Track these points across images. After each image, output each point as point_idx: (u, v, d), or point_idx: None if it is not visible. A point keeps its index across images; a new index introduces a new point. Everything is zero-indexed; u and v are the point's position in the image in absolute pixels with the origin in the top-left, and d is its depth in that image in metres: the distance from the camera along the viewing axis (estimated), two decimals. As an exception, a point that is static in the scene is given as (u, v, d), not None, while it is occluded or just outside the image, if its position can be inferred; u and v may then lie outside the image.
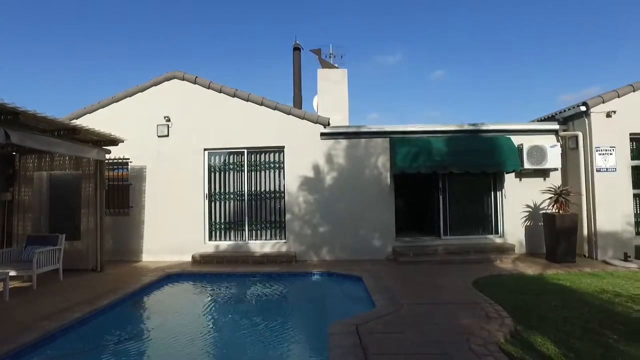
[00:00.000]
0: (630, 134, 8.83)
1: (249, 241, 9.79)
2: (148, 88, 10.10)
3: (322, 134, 9.64)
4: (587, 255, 8.93)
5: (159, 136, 9.90)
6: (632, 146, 8.91)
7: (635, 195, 8.87)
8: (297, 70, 13.38)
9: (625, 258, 8.36)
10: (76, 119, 9.81)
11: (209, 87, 9.98)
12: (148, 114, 9.95)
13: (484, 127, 9.55)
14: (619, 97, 8.77)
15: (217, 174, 10.03)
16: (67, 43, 39.17)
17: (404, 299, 5.77)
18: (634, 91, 8.80)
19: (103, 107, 10.11)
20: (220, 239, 9.90)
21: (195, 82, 10.02)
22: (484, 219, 9.79)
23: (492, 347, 3.99)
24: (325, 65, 12.97)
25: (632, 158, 8.87)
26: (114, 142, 8.67)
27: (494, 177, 9.69)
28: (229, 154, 10.02)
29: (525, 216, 9.61)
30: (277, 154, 9.93)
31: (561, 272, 7.70)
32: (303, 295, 7.54)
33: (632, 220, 8.76)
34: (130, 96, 10.11)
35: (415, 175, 9.39)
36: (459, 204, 9.73)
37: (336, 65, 13.13)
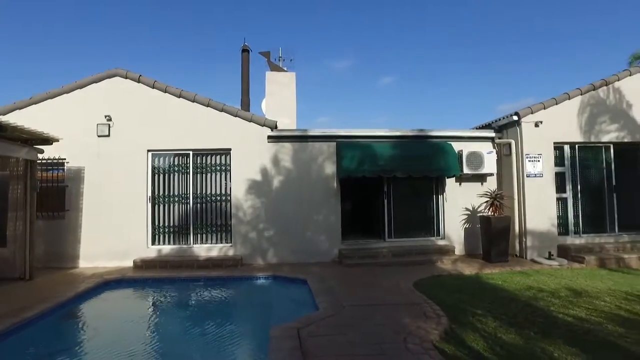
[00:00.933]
0: (554, 143, 9.58)
1: (194, 245, 9.56)
2: (87, 85, 9.59)
3: (269, 137, 9.62)
4: (518, 254, 9.55)
5: (99, 136, 9.43)
6: (556, 154, 9.67)
7: (558, 199, 9.62)
8: (245, 73, 13.26)
9: (549, 256, 9.04)
10: (3, 114, 9.12)
11: (153, 87, 9.65)
12: (87, 112, 9.45)
13: (427, 134, 9.97)
14: (544, 108, 9.49)
15: (162, 176, 9.72)
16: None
17: (346, 301, 5.90)
18: (557, 104, 9.56)
19: (36, 103, 9.46)
20: (163, 243, 9.59)
21: (139, 81, 9.65)
22: (426, 221, 10.20)
23: (427, 345, 4.19)
24: (274, 68, 12.96)
25: (556, 165, 9.62)
26: (48, 141, 8.16)
27: (436, 182, 10.13)
28: (174, 155, 9.75)
29: (465, 219, 10.13)
30: (223, 157, 9.78)
31: (495, 271, 8.20)
32: (247, 300, 7.48)
33: (556, 222, 9.50)
34: (67, 93, 9.54)
35: (361, 179, 9.61)
36: (403, 208, 10.07)
37: (285, 68, 13.17)
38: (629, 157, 10.25)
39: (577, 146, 9.76)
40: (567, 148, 9.74)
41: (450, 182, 10.06)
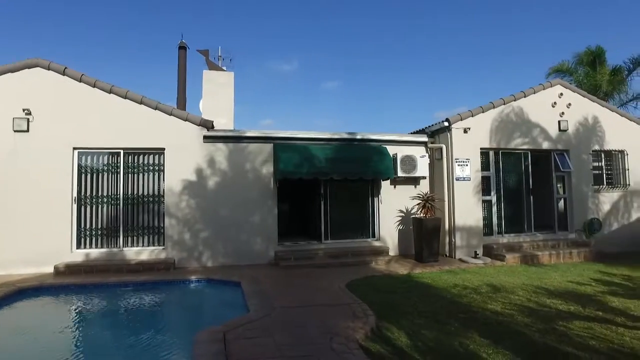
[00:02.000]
0: (481, 148, 10.24)
1: (124, 248, 9.11)
2: (2, 74, 8.81)
3: (205, 137, 9.40)
4: (448, 254, 10.07)
5: (15, 131, 8.70)
6: (482, 159, 10.33)
7: (484, 201, 10.27)
8: (182, 70, 12.88)
9: (475, 255, 9.63)
10: None
11: (80, 80, 9.07)
12: (1, 104, 8.69)
13: (363, 137, 10.23)
14: (472, 116, 10.11)
15: (89, 175, 9.15)
16: None
17: (278, 303, 5.90)
18: (483, 112, 10.23)
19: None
20: (90, 247, 9.03)
21: (64, 74, 9.01)
22: (362, 223, 10.46)
23: (353, 344, 4.29)
24: (212, 67, 12.69)
25: (482, 169, 10.28)
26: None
27: (371, 184, 10.42)
28: (103, 154, 9.22)
29: (399, 220, 10.50)
30: (157, 156, 9.41)
31: (426, 270, 8.58)
32: (177, 304, 7.26)
33: (482, 223, 10.13)
34: (-23, 83, 8.72)
35: (298, 181, 9.66)
36: (339, 209, 10.25)
37: (224, 68, 12.94)
38: (542, 163, 11.16)
39: (500, 152, 10.48)
40: (491, 154, 10.43)
41: (386, 185, 10.39)
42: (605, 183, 11.47)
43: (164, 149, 9.30)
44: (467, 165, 10.01)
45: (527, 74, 44.66)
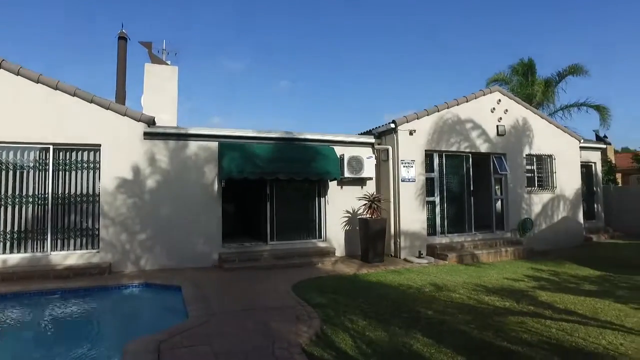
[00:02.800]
0: (425, 150, 10.50)
1: (52, 252, 8.36)
2: None
3: (145, 134, 8.88)
4: (393, 254, 10.22)
5: None
6: (427, 161, 10.59)
7: (428, 202, 10.54)
8: (121, 62, 12.11)
9: (420, 255, 9.85)
10: None
11: (0, 66, 8.23)
12: None
13: (310, 137, 10.14)
14: (418, 118, 10.35)
15: (11, 172, 8.32)
16: None
17: (220, 308, 5.65)
18: (428, 115, 10.50)
19: None
20: (9, 252, 8.19)
21: (-19, 60, 8.14)
22: (309, 224, 10.36)
23: (296, 349, 4.16)
24: (155, 60, 12.06)
25: (426, 171, 10.54)
26: None
27: (318, 185, 10.35)
28: (29, 149, 8.41)
29: (346, 221, 10.52)
30: (91, 153, 8.75)
31: (372, 271, 8.63)
32: (110, 312, 6.75)
33: (426, 223, 10.39)
34: None
35: (244, 181, 9.39)
36: (285, 210, 10.08)
37: (168, 62, 12.34)
38: (482, 166, 11.67)
39: (444, 154, 10.81)
40: (436, 156, 10.73)
41: (332, 185, 10.36)
42: (536, 185, 12.22)
43: (100, 145, 8.66)
44: (412, 166, 10.22)
45: (472, 81, 47.08)
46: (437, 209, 10.66)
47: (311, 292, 6.74)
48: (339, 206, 10.45)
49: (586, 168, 14.57)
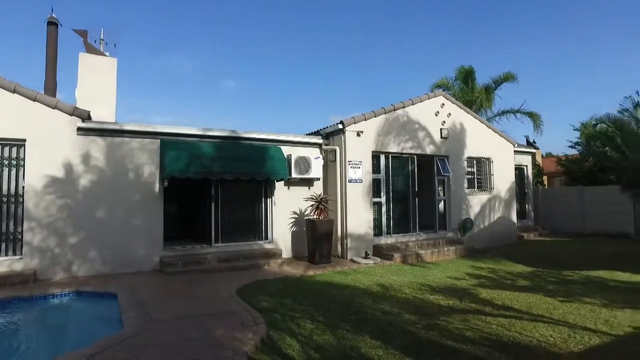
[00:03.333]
0: (372, 151, 10.60)
1: (-36, 260, 7.45)
2: None
3: (79, 129, 8.16)
4: (340, 255, 10.21)
5: None
6: (374, 162, 10.70)
7: (374, 203, 10.65)
8: (51, 50, 11.08)
9: (366, 256, 9.91)
10: None
11: None
12: None
13: (257, 136, 9.88)
14: (365, 120, 10.43)
15: None
16: None
17: (158, 315, 5.27)
18: (375, 117, 10.62)
19: None
20: None
21: None
22: (255, 225, 10.08)
23: (241, 357, 3.94)
24: (92, 50, 11.16)
25: (373, 171, 10.64)
26: None
27: (265, 185, 10.09)
28: None
29: (293, 222, 10.36)
30: (14, 149, 7.91)
31: (318, 272, 8.53)
32: (34, 326, 6.07)
33: (372, 224, 10.49)
34: None
35: (188, 181, 8.94)
36: (231, 211, 9.73)
37: (106, 53, 11.49)
38: (427, 167, 12.02)
39: (390, 156, 10.97)
40: (382, 157, 10.86)
41: (280, 186, 10.16)
42: (476, 187, 12.80)
43: (24, 140, 7.84)
44: (359, 167, 10.28)
45: (419, 85, 48.67)
46: (383, 210, 10.81)
47: (257, 295, 6.51)
48: (286, 207, 10.27)
49: (519, 171, 15.52)
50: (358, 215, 10.21)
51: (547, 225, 15.99)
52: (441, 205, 12.09)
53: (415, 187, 11.39)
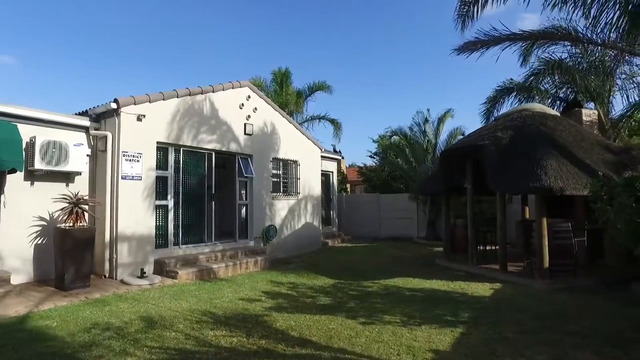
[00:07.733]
0: (158, 142, 8.43)
1: None
2: None
3: None
4: (107, 275, 7.74)
5: None
6: (159, 155, 8.55)
7: (158, 207, 8.48)
8: None
9: (142, 275, 7.70)
10: None
11: None
12: None
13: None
14: (150, 102, 8.21)
15: None
16: None
17: None
18: (164, 100, 8.48)
19: None
20: None
21: None
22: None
23: None
24: None
25: (158, 167, 8.47)
26: None
27: (-12, 178, 6.89)
28: None
29: (38, 231, 7.42)
30: None
31: (62, 304, 6.04)
32: None
33: (154, 232, 8.32)
34: None
35: None
36: None
37: None
38: (228, 167, 10.51)
39: (182, 150, 8.97)
40: (171, 150, 8.78)
41: (14, 180, 7.09)
42: (282, 190, 11.89)
43: None
44: (138, 161, 8.01)
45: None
46: (171, 215, 8.71)
47: None
48: (26, 210, 7.28)
49: (325, 177, 15.48)
50: (135, 222, 7.94)
51: (349, 231, 16.43)
52: (243, 210, 10.69)
53: (212, 189, 9.65)
